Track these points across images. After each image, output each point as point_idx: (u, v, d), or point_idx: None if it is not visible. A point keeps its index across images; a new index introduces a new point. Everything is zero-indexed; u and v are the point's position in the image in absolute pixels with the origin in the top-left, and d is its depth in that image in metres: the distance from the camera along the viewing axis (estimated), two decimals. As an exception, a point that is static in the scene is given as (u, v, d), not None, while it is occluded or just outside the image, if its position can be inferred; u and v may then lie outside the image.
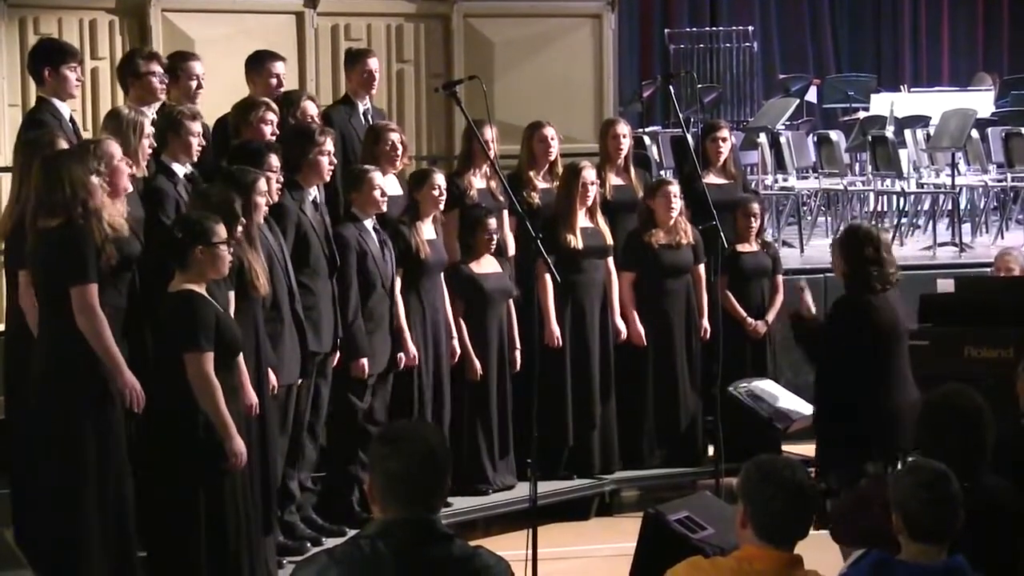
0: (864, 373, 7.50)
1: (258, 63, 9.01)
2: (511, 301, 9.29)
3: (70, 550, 6.70)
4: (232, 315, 7.00)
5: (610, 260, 9.67)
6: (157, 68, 8.36)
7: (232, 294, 7.12)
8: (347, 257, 8.24)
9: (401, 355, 8.53)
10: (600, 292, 9.60)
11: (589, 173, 9.44)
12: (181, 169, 7.78)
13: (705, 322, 9.87)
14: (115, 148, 7.07)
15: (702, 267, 9.90)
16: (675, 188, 9.78)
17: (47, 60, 8.00)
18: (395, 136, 8.86)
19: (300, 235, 7.95)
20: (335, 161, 8.25)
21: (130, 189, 7.19)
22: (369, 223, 8.43)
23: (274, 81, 8.94)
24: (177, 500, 6.73)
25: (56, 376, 6.69)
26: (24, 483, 7.02)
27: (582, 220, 9.46)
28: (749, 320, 9.99)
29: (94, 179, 6.71)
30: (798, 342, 8.24)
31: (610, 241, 9.62)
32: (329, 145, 8.13)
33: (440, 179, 8.85)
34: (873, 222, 13.58)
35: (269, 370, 7.47)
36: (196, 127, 7.80)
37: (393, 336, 8.53)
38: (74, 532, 6.69)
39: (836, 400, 7.63)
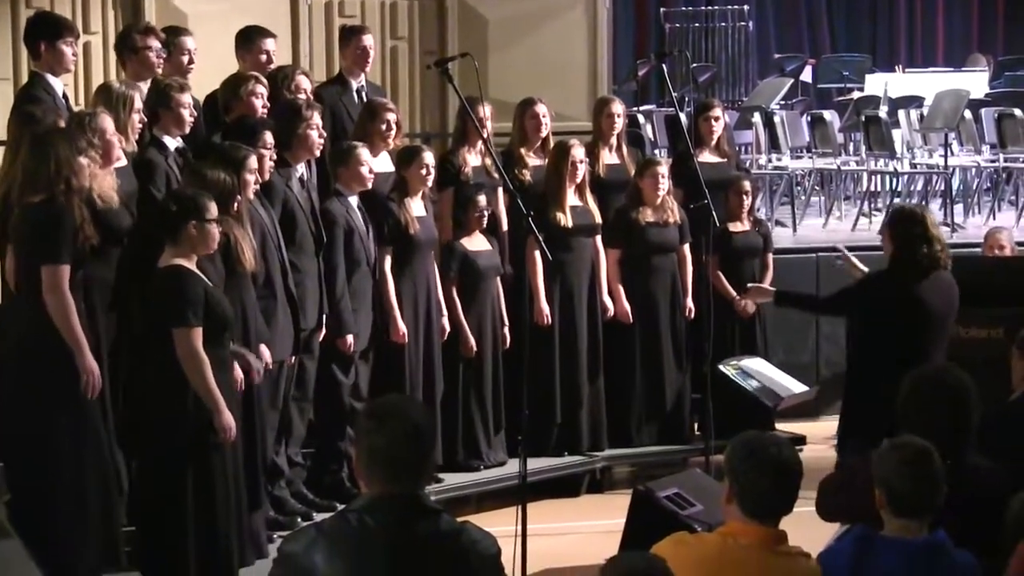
0: (893, 351, 7.41)
1: (248, 39, 9.00)
2: (499, 278, 9.31)
3: (51, 524, 6.73)
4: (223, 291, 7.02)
5: (598, 238, 9.69)
6: (154, 43, 8.36)
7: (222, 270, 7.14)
8: (334, 233, 8.24)
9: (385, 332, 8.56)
10: (589, 270, 9.61)
11: (578, 151, 9.45)
12: (172, 143, 7.80)
13: (689, 301, 9.88)
14: (108, 122, 7.09)
15: (688, 247, 9.92)
16: (662, 168, 9.79)
17: (44, 34, 7.99)
18: (391, 115, 8.85)
19: (287, 212, 7.96)
20: (324, 135, 8.25)
21: (123, 161, 7.20)
22: (354, 200, 8.44)
23: (263, 58, 8.93)
24: (166, 475, 6.76)
25: (31, 350, 6.72)
26: (9, 457, 7.05)
27: (571, 198, 9.47)
28: (738, 299, 10.01)
29: (82, 159, 6.73)
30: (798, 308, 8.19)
31: (599, 219, 9.63)
32: (317, 119, 8.13)
33: (428, 156, 8.85)
34: (921, 202, 13.55)
35: (262, 346, 7.50)
36: (186, 99, 7.81)
37: (376, 313, 8.54)
38: (54, 506, 6.73)
39: (864, 374, 7.61)
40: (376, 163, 8.58)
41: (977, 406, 5.14)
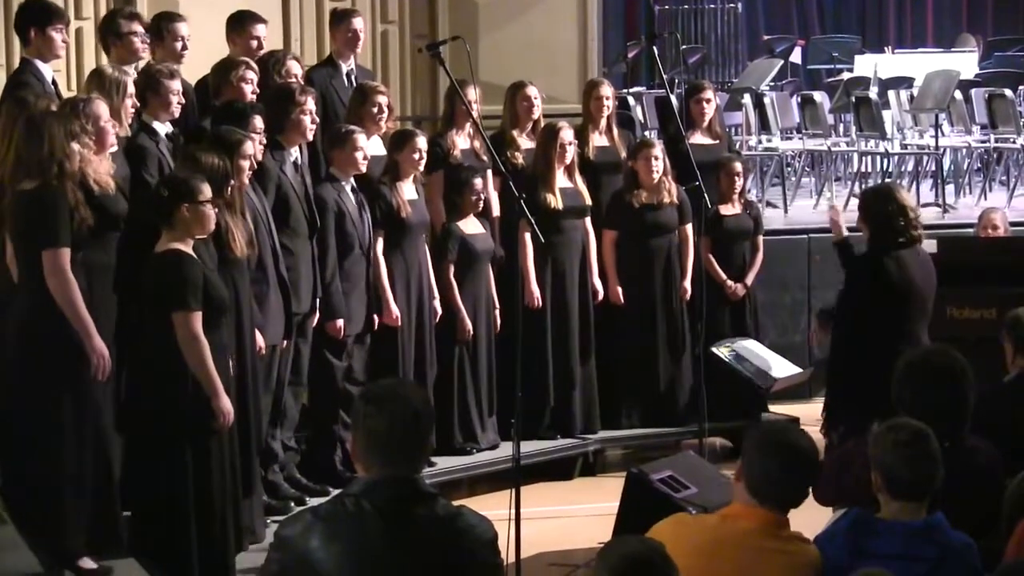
0: (877, 330, 7.50)
1: (239, 24, 8.97)
2: (491, 261, 9.31)
3: (50, 509, 6.72)
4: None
5: (588, 220, 9.68)
6: (138, 28, 8.34)
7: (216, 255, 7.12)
8: (325, 217, 8.24)
9: (376, 316, 8.55)
10: (579, 252, 9.61)
11: (566, 133, 9.44)
12: (162, 128, 7.78)
13: (687, 282, 9.88)
14: (102, 108, 7.07)
15: (689, 227, 9.90)
16: (656, 150, 9.79)
17: (34, 20, 7.97)
18: (382, 99, 8.84)
19: (280, 196, 7.95)
20: (317, 120, 8.24)
21: (115, 147, 7.19)
22: (347, 184, 8.43)
23: (254, 43, 8.90)
24: (164, 459, 6.74)
25: (33, 335, 6.71)
26: (5, 441, 7.04)
27: (561, 180, 9.46)
28: (728, 283, 10.00)
29: (74, 145, 6.71)
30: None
31: (589, 201, 9.62)
32: (310, 104, 8.12)
33: (421, 141, 8.84)
34: (899, 182, 13.55)
35: (256, 330, 7.49)
36: (175, 85, 7.79)
37: (370, 297, 8.54)
38: (53, 492, 6.72)
39: (848, 355, 7.64)
40: (370, 147, 8.57)
41: (972, 387, 5.14)
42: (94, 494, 6.81)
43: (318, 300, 8.17)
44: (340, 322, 8.32)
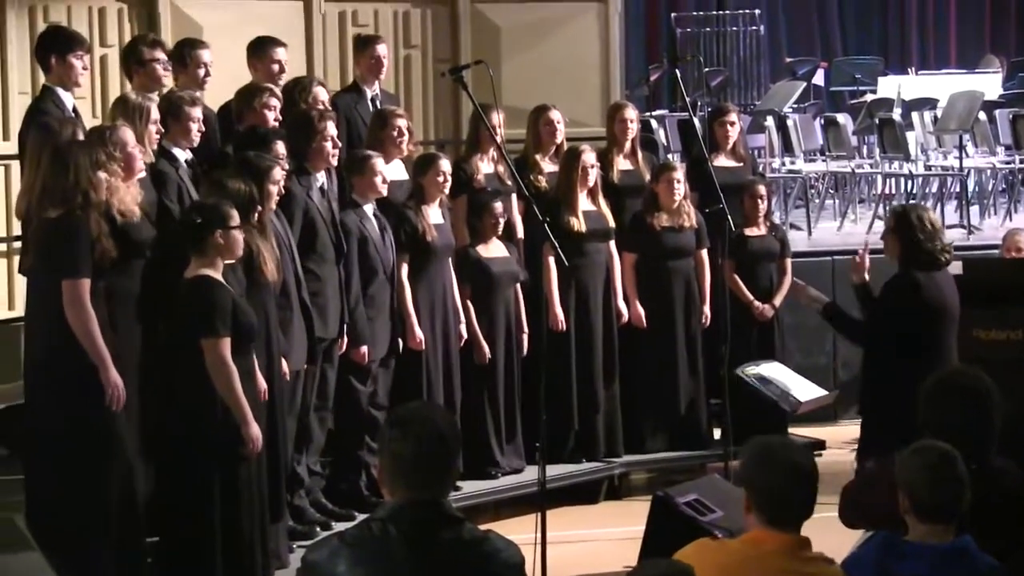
0: (911, 354, 7.48)
1: (260, 49, 9.00)
2: (518, 285, 9.31)
3: (74, 536, 6.73)
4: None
5: (612, 243, 9.68)
6: (161, 55, 8.36)
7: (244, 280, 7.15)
8: (349, 243, 8.24)
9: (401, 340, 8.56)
10: (603, 275, 9.61)
11: (589, 156, 9.45)
12: (182, 154, 7.81)
13: (706, 308, 9.87)
14: (129, 135, 7.11)
15: (705, 252, 9.90)
16: (678, 173, 9.79)
17: (54, 48, 8.00)
18: (402, 122, 8.86)
19: (307, 221, 7.97)
20: (339, 144, 8.26)
21: (144, 172, 7.23)
22: (369, 208, 8.44)
23: (276, 67, 8.92)
24: (193, 486, 6.75)
25: (54, 363, 6.73)
26: (32, 468, 7.06)
27: (584, 203, 9.47)
28: (756, 303, 9.99)
29: (100, 174, 6.73)
30: (839, 332, 8.22)
31: (612, 224, 9.62)
32: (331, 129, 8.14)
33: (445, 164, 8.86)
34: (922, 202, 13.55)
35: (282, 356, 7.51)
36: (195, 113, 7.81)
37: (394, 321, 8.54)
38: (77, 518, 6.73)
39: (882, 382, 7.61)
40: (389, 171, 8.59)
41: (999, 408, 5.12)
42: (119, 521, 6.81)
43: (345, 326, 8.18)
44: (364, 349, 8.32)
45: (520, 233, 9.50)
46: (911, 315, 7.56)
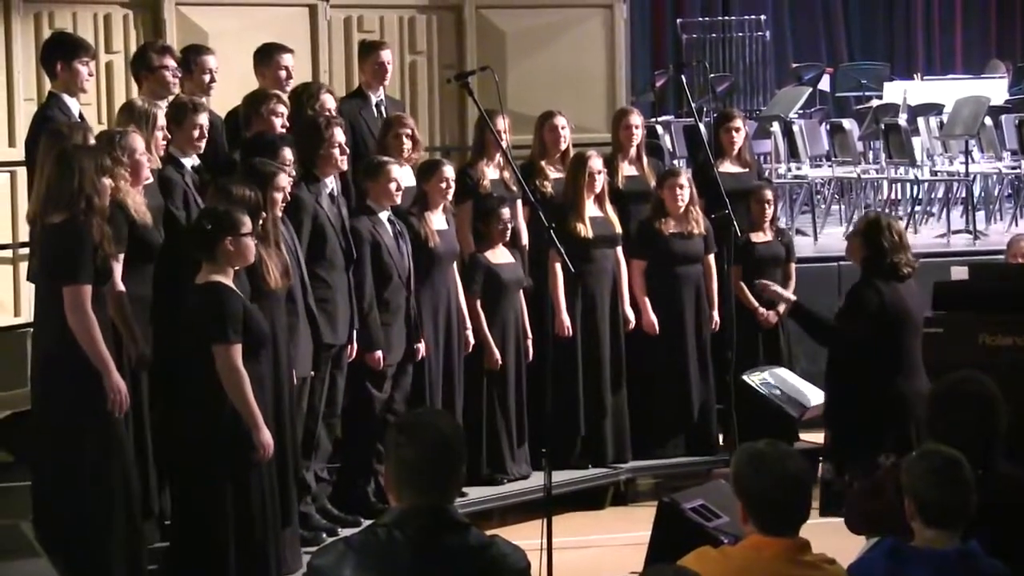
0: (875, 360, 7.56)
1: (266, 55, 9.02)
2: (522, 291, 9.31)
3: (79, 542, 6.74)
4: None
5: (619, 249, 9.68)
6: (170, 62, 8.37)
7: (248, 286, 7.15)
8: (361, 250, 8.25)
9: (418, 345, 8.56)
10: (610, 281, 9.60)
11: (595, 162, 9.45)
12: (188, 161, 7.82)
13: (715, 313, 9.87)
14: (138, 141, 7.13)
15: (712, 257, 9.90)
16: (683, 179, 9.79)
17: (59, 54, 8.02)
18: (407, 129, 8.87)
19: (317, 227, 7.98)
20: (347, 150, 8.27)
21: (151, 179, 7.24)
22: (384, 215, 8.44)
23: (283, 73, 8.94)
24: (205, 492, 6.76)
25: (56, 368, 6.74)
26: (37, 475, 7.07)
27: (591, 209, 9.47)
28: (760, 309, 9.99)
29: (105, 180, 6.74)
30: (807, 332, 8.30)
31: (619, 230, 9.62)
32: (339, 136, 8.15)
33: (449, 171, 8.86)
34: (887, 211, 13.58)
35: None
36: (199, 119, 7.81)
37: (410, 327, 8.54)
38: (81, 524, 6.74)
39: (847, 387, 7.66)
40: (404, 177, 8.59)
41: (1004, 413, 5.12)
42: (122, 526, 6.81)
43: (355, 332, 8.18)
44: (379, 353, 8.32)
45: (525, 239, 9.50)
46: (873, 320, 7.60)
